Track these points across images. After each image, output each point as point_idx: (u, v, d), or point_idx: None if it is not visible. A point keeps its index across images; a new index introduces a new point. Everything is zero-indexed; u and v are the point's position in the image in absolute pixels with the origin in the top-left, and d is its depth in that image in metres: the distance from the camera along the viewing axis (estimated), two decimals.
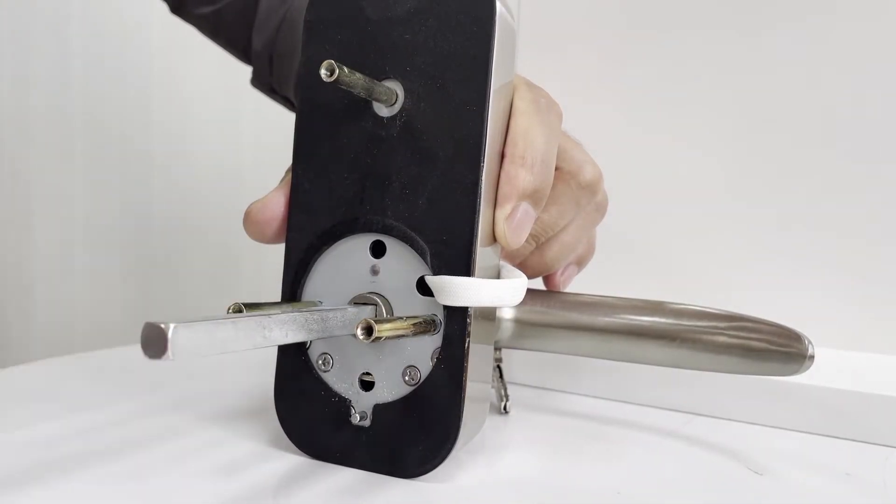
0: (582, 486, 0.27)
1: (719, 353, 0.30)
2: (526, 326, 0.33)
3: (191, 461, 0.27)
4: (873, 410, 0.34)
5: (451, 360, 0.25)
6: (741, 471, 0.29)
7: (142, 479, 0.25)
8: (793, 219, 0.47)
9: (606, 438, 0.33)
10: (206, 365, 0.40)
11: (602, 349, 0.32)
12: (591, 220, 0.36)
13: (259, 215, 0.28)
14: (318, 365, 0.28)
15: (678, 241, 0.50)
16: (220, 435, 0.30)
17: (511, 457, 0.30)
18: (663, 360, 0.31)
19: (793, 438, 0.34)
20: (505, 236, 0.26)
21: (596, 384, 0.40)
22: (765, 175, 0.47)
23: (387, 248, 0.27)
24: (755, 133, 0.47)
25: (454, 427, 0.25)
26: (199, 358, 0.18)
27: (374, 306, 0.26)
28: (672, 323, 0.31)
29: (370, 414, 0.27)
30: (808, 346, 0.28)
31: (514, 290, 0.27)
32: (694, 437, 0.33)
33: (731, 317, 0.30)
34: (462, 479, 0.27)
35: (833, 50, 0.45)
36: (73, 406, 0.33)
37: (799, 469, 0.30)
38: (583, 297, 0.33)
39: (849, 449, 0.33)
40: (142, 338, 0.17)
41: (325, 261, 0.28)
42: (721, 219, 0.48)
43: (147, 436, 0.30)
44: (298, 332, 0.22)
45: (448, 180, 0.25)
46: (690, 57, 0.49)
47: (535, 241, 0.34)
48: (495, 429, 0.33)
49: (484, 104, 0.25)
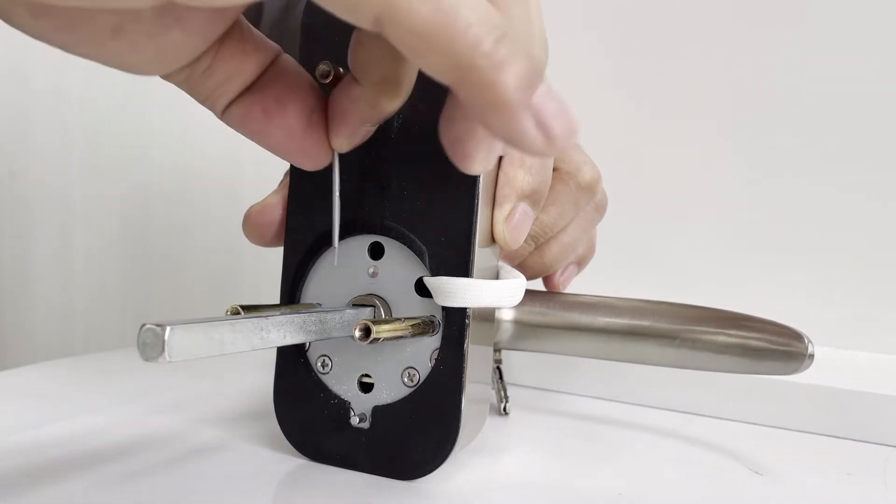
0: (582, 487, 0.27)
1: (719, 353, 0.30)
2: (525, 327, 0.33)
3: (189, 464, 0.27)
4: (873, 410, 0.34)
5: (451, 361, 0.25)
6: (741, 471, 0.29)
7: (140, 482, 0.25)
8: (793, 219, 0.46)
9: (606, 439, 0.33)
10: (205, 367, 0.40)
11: (601, 350, 0.32)
12: (591, 221, 0.36)
13: (258, 218, 0.28)
14: (317, 367, 0.28)
15: (678, 241, 0.50)
16: (218, 437, 0.30)
17: (511, 458, 0.30)
18: (663, 361, 0.31)
19: (793, 438, 0.34)
20: (504, 237, 0.26)
21: (596, 385, 0.39)
22: (765, 175, 0.47)
23: (385, 249, 0.27)
24: (755, 133, 0.47)
25: (454, 428, 0.25)
26: (195, 359, 0.18)
27: (373, 308, 0.26)
28: (672, 323, 0.31)
29: (369, 416, 0.26)
30: (808, 344, 0.28)
31: (513, 291, 0.27)
32: (694, 437, 0.33)
33: (730, 316, 0.30)
34: (462, 480, 0.27)
35: (833, 49, 0.45)
36: (72, 408, 0.33)
37: (799, 469, 0.30)
38: (582, 297, 0.33)
39: (849, 449, 0.33)
40: (139, 340, 0.17)
41: (323, 263, 0.28)
42: (721, 219, 0.48)
43: (145, 438, 0.29)
44: (296, 334, 0.22)
45: (446, 181, 0.25)
46: (690, 57, 0.49)
47: (534, 241, 0.34)
48: (495, 430, 0.33)
49: None
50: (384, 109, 0.22)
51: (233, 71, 0.21)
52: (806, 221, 0.46)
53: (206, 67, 0.20)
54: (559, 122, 0.15)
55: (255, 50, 0.21)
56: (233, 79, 0.21)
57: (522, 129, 0.15)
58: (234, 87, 0.21)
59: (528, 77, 0.15)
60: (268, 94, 0.22)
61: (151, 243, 0.73)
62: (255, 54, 0.21)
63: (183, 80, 0.20)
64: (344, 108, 0.22)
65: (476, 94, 0.15)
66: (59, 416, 0.32)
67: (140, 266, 0.74)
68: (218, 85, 0.21)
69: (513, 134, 0.15)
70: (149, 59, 0.19)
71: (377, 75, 0.21)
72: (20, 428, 0.30)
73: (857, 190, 0.45)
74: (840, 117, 0.45)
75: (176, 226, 0.72)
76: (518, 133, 0.15)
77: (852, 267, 0.45)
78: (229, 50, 0.20)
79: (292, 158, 0.23)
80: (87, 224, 0.76)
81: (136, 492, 0.24)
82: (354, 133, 0.22)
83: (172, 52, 0.19)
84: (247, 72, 0.21)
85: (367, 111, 0.22)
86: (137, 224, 0.74)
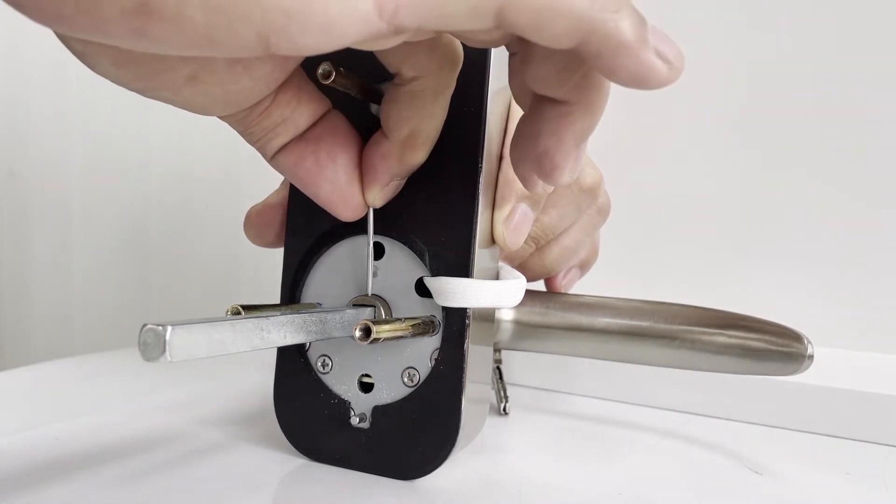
0: (582, 488, 0.27)
1: (719, 354, 0.30)
2: (525, 327, 0.33)
3: (189, 464, 0.27)
4: (873, 410, 0.34)
5: (450, 361, 0.25)
6: (741, 471, 0.29)
7: (140, 482, 0.25)
8: (793, 219, 0.47)
9: (606, 439, 0.33)
10: (205, 366, 0.40)
11: (601, 350, 0.32)
12: (593, 224, 0.36)
13: (259, 219, 0.28)
14: (317, 367, 0.28)
15: (677, 242, 0.50)
16: (219, 437, 0.30)
17: (511, 458, 0.30)
18: (663, 361, 0.31)
19: (793, 438, 0.34)
20: (503, 237, 0.26)
21: (596, 385, 0.39)
22: (765, 175, 0.47)
23: (385, 249, 0.27)
24: (755, 132, 0.47)
25: (453, 428, 0.25)
26: (196, 360, 0.18)
27: (373, 308, 0.26)
28: (671, 324, 0.31)
29: (369, 415, 0.27)
30: (807, 345, 0.28)
31: (513, 292, 0.27)
32: (694, 437, 0.33)
33: (730, 317, 0.30)
34: (462, 480, 0.27)
35: (833, 49, 0.45)
36: (72, 408, 0.33)
37: (799, 469, 0.30)
38: (582, 297, 0.33)
39: (849, 449, 0.33)
40: (140, 341, 0.17)
41: (324, 263, 0.28)
42: (721, 219, 0.48)
43: (146, 438, 0.30)
44: (296, 334, 0.22)
45: (446, 182, 0.25)
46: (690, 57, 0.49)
47: (534, 243, 0.34)
48: (495, 430, 0.33)
49: (482, 106, 0.25)
50: (411, 163, 0.24)
51: (287, 115, 0.22)
52: (806, 222, 0.46)
53: (263, 109, 0.22)
54: (673, 50, 0.17)
55: (309, 99, 0.23)
56: (286, 123, 0.23)
57: (650, 62, 0.17)
58: (287, 132, 0.23)
59: (638, 17, 0.17)
60: (321, 146, 0.23)
61: (151, 243, 0.73)
62: (309, 103, 0.23)
63: (240, 120, 0.22)
64: (375, 165, 0.24)
65: (604, 45, 0.17)
66: (59, 416, 0.32)
67: (140, 266, 0.74)
68: (272, 127, 0.22)
69: (643, 71, 0.17)
70: (217, 103, 0.20)
71: (406, 130, 0.23)
72: (20, 428, 0.30)
73: (858, 190, 0.45)
74: (840, 118, 0.45)
75: (176, 225, 0.72)
76: (647, 68, 0.17)
77: (852, 267, 0.45)
78: (286, 96, 0.22)
79: (335, 210, 0.24)
80: (86, 224, 0.76)
81: (136, 492, 0.24)
82: (386, 188, 0.24)
83: (239, 96, 0.20)
84: (300, 119, 0.23)
85: (395, 166, 0.24)
86: (137, 224, 0.74)
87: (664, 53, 0.17)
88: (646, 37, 0.17)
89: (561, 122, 0.20)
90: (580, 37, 0.17)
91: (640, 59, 0.17)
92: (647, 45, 0.17)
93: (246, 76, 0.20)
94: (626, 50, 0.17)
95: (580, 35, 0.17)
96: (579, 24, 0.16)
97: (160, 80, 0.19)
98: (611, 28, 0.16)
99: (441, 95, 0.23)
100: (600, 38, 0.17)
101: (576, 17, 0.16)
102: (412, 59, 0.21)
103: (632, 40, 0.17)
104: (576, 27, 0.16)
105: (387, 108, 0.23)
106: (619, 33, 0.16)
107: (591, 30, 0.16)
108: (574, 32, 0.17)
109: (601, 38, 0.17)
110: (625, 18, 0.17)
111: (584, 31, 0.17)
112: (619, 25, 0.16)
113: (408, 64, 0.21)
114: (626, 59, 0.17)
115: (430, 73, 0.22)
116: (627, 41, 0.17)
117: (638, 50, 0.17)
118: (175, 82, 0.19)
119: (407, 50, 0.21)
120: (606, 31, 0.16)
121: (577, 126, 0.20)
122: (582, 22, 0.16)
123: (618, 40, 0.17)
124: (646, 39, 0.17)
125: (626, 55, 0.17)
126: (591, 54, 0.17)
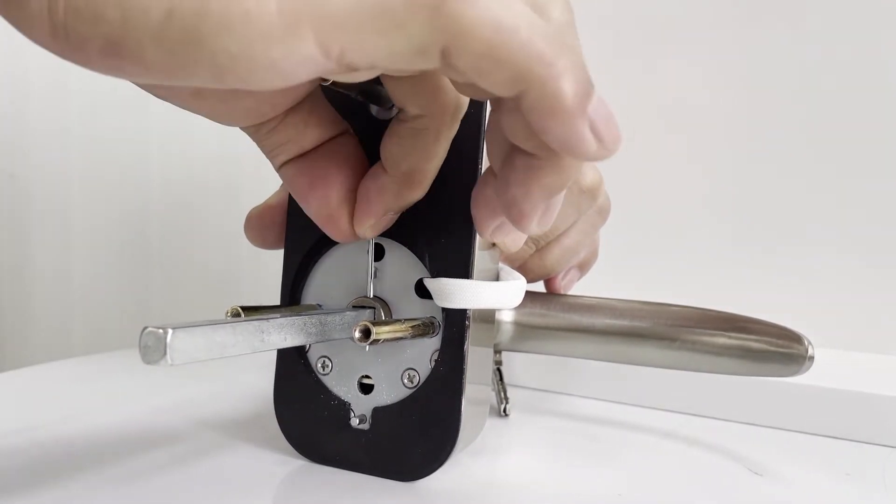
0: (583, 488, 0.27)
1: (719, 355, 0.30)
2: (525, 329, 0.33)
3: (189, 465, 0.27)
4: (873, 410, 0.34)
5: (450, 362, 0.25)
6: (741, 471, 0.29)
7: (141, 483, 0.25)
8: (793, 220, 0.47)
9: (606, 440, 0.33)
10: (205, 368, 0.40)
11: (602, 351, 0.32)
12: (593, 225, 0.36)
13: (259, 220, 0.28)
14: (317, 368, 0.28)
15: (677, 243, 0.50)
16: (219, 439, 0.30)
17: (511, 459, 0.30)
18: (663, 362, 0.31)
19: (793, 438, 0.34)
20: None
21: (596, 386, 0.39)
22: (765, 175, 0.47)
23: (385, 251, 0.27)
24: (755, 133, 0.47)
25: (454, 429, 0.25)
26: (197, 362, 0.18)
27: (373, 309, 0.26)
28: (671, 325, 0.31)
29: (369, 417, 0.27)
30: (807, 346, 0.28)
31: (513, 293, 0.27)
32: (694, 438, 0.33)
33: (730, 318, 0.30)
34: (462, 481, 0.27)
35: (833, 49, 0.45)
36: (72, 409, 0.33)
37: (799, 470, 0.30)
38: (582, 299, 0.33)
39: (849, 449, 0.33)
40: (140, 344, 0.17)
41: (324, 264, 0.28)
42: (721, 220, 0.48)
43: (146, 440, 0.30)
44: (297, 336, 0.22)
45: (446, 183, 0.25)
46: (690, 57, 0.49)
47: (534, 244, 0.34)
48: (495, 431, 0.33)
49: (482, 106, 0.25)
50: (407, 199, 0.24)
51: (292, 137, 0.23)
52: (806, 223, 0.46)
53: (271, 128, 0.23)
54: (610, 129, 0.17)
55: (318, 123, 0.24)
56: (291, 143, 0.23)
57: (580, 134, 0.16)
58: (292, 150, 0.24)
59: (584, 85, 0.16)
60: (317, 166, 0.24)
61: (151, 244, 0.73)
62: (316, 128, 0.24)
63: (252, 133, 0.23)
64: (370, 198, 0.24)
65: (539, 102, 0.16)
66: (59, 416, 0.32)
67: (140, 266, 0.74)
68: (278, 144, 0.23)
69: (570, 140, 0.16)
70: (222, 116, 0.21)
71: (406, 166, 0.23)
72: (20, 428, 0.30)
73: (858, 191, 0.45)
74: (840, 118, 0.45)
75: (176, 226, 0.72)
76: (575, 139, 0.16)
77: (852, 267, 0.45)
78: (294, 119, 0.23)
79: (323, 229, 0.25)
80: (86, 224, 0.76)
81: (136, 492, 0.24)
82: (378, 221, 0.24)
83: (246, 113, 0.21)
84: (304, 141, 0.24)
85: (391, 201, 0.24)
86: (137, 225, 0.74)
87: (599, 130, 0.16)
88: (584, 106, 0.16)
89: (529, 175, 0.19)
90: (518, 88, 0.16)
91: (570, 128, 0.16)
92: (582, 115, 0.16)
93: (249, 98, 0.21)
94: (560, 114, 0.16)
95: (518, 87, 0.16)
96: (518, 76, 0.16)
97: (168, 91, 0.20)
98: (549, 88, 0.16)
99: (443, 136, 0.23)
100: (536, 94, 0.16)
101: (517, 69, 0.16)
102: (417, 97, 0.21)
103: (568, 106, 0.16)
104: (515, 78, 0.16)
105: (388, 142, 0.23)
106: (556, 95, 0.16)
107: (530, 85, 0.16)
108: (513, 83, 0.16)
109: (537, 95, 0.16)
110: (568, 81, 0.16)
111: (524, 83, 0.16)
112: (560, 86, 0.16)
113: (412, 101, 0.21)
114: (555, 123, 0.16)
115: (433, 114, 0.22)
116: (563, 106, 0.16)
117: (572, 117, 0.16)
118: (182, 95, 0.20)
119: (412, 88, 0.21)
120: (544, 89, 0.16)
121: (545, 181, 0.19)
122: (521, 74, 0.16)
123: (553, 102, 0.16)
124: (583, 109, 0.16)
125: (557, 119, 0.16)
126: (526, 107, 0.16)
